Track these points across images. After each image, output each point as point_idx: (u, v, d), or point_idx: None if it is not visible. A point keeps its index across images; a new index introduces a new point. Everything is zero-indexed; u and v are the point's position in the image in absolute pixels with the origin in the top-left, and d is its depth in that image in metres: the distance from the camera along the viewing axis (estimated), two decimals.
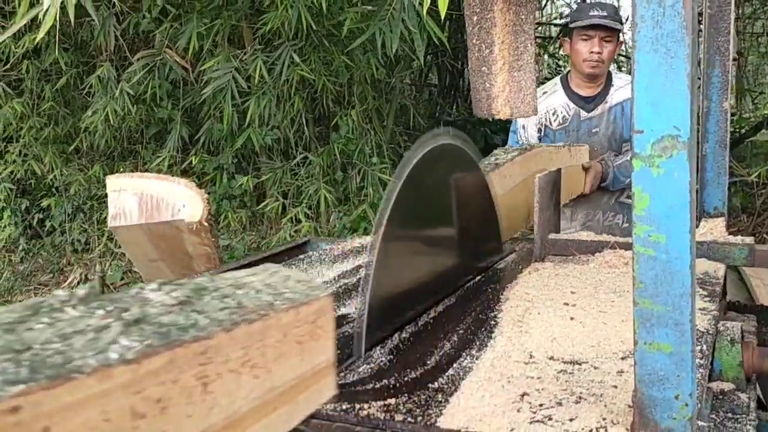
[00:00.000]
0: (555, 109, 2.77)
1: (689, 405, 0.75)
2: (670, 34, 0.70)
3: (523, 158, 2.00)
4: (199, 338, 0.57)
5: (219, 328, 0.58)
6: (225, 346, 0.59)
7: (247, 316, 0.62)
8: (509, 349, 1.07)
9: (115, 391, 0.49)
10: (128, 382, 0.50)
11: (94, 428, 0.47)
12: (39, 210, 5.60)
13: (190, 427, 0.56)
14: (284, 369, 0.67)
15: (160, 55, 4.33)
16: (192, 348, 0.56)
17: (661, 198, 0.73)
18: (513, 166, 1.90)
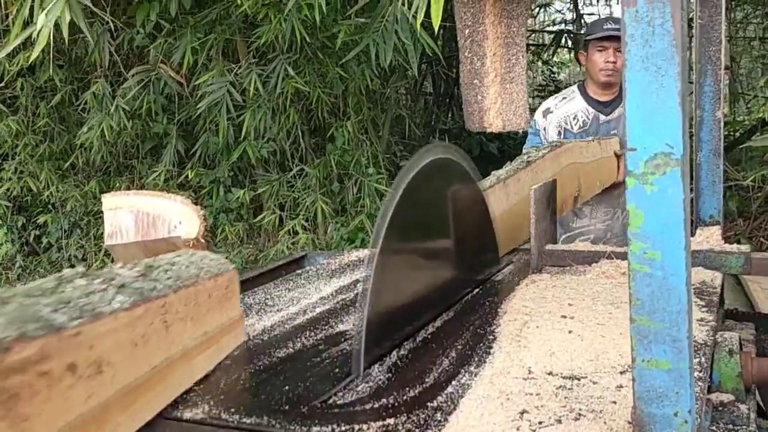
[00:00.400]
0: (575, 113, 2.98)
1: (688, 422, 0.75)
2: (660, 53, 0.70)
3: (554, 154, 2.11)
4: (160, 296, 0.94)
5: (170, 290, 0.97)
6: (175, 302, 0.98)
7: (185, 283, 1.01)
8: (508, 365, 1.07)
9: (121, 328, 0.86)
10: (127, 322, 0.87)
11: (115, 348, 0.84)
12: (35, 227, 5.60)
13: (159, 355, 0.93)
14: (212, 319, 1.09)
15: (154, 70, 4.35)
16: (156, 302, 0.93)
17: (656, 215, 0.73)
18: (544, 162, 2.02)
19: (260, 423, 0.93)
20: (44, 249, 5.67)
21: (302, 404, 0.97)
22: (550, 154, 2.07)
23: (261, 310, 1.48)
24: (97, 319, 0.82)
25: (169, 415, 0.97)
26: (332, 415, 0.94)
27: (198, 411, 0.97)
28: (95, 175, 5.18)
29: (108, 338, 0.83)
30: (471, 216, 1.55)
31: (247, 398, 1.00)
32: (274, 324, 1.34)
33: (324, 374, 1.08)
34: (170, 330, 0.96)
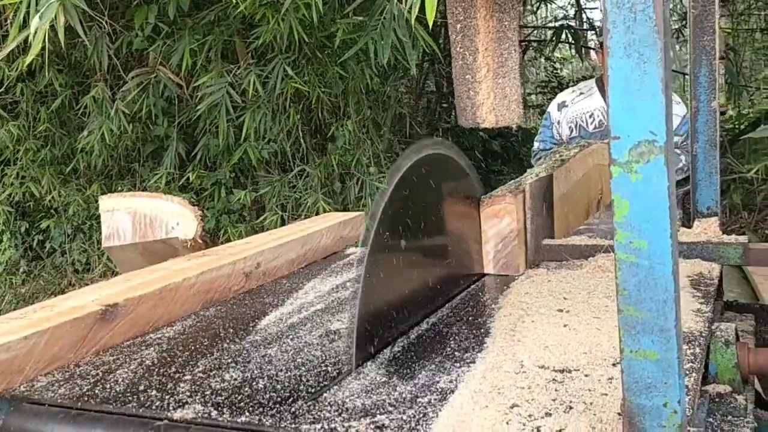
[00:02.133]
0: (592, 111, 2.85)
1: (678, 412, 0.74)
2: (643, 39, 0.69)
3: (583, 154, 2.17)
4: None
5: None
6: None
7: None
8: (501, 359, 1.06)
9: None
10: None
11: None
12: (38, 232, 5.61)
13: None
14: None
15: (154, 73, 4.35)
16: None
17: (641, 204, 0.72)
18: (575, 162, 2.05)
19: (251, 422, 0.92)
20: (48, 254, 5.68)
21: (293, 402, 0.97)
22: (580, 153, 2.12)
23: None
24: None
25: (160, 416, 0.97)
26: (324, 411, 0.93)
27: (188, 411, 0.96)
28: (97, 179, 5.19)
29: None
30: (462, 210, 1.53)
31: (238, 397, 1.00)
32: (268, 323, 1.34)
33: (316, 372, 1.07)
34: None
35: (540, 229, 1.70)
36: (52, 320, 1.08)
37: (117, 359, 1.16)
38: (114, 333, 1.17)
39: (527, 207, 1.60)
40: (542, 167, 1.92)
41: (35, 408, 1.03)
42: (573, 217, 2.01)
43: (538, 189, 1.70)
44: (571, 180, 2.00)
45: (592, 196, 2.23)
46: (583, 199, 2.15)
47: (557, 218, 1.85)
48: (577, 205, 2.09)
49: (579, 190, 2.09)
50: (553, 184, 1.85)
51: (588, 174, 2.19)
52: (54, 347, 1.06)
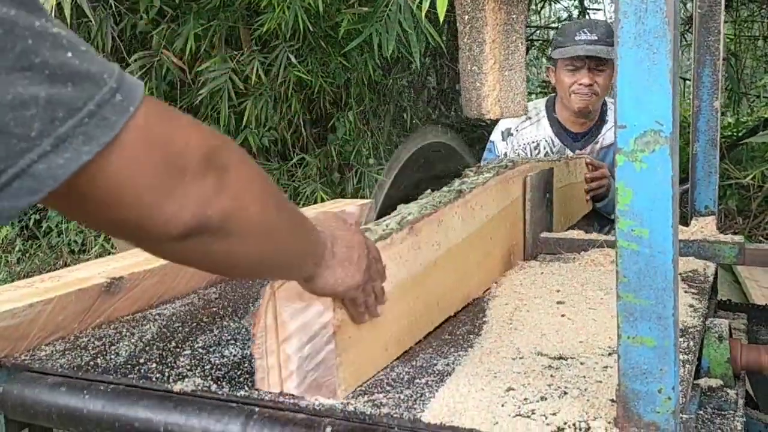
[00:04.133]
0: (538, 142, 2.32)
1: (672, 398, 0.76)
2: (653, 30, 0.71)
3: (503, 179, 1.50)
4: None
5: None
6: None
7: None
8: (498, 345, 1.08)
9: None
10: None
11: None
12: (36, 211, 5.60)
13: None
14: None
15: (157, 56, 4.33)
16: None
17: (644, 192, 0.73)
18: (485, 194, 1.40)
19: (250, 396, 0.93)
20: (44, 233, 5.67)
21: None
22: (494, 180, 1.46)
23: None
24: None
25: (159, 387, 0.98)
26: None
27: (188, 383, 0.97)
28: None
29: None
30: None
31: (238, 372, 1.01)
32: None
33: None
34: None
35: (538, 221, 1.71)
36: (58, 290, 1.09)
37: (119, 332, 1.17)
38: (118, 306, 1.18)
39: (527, 198, 1.62)
40: (418, 204, 1.25)
41: (35, 376, 1.04)
42: (478, 277, 1.35)
43: (538, 181, 1.71)
44: (476, 220, 1.34)
45: (518, 239, 1.59)
46: (501, 249, 1.48)
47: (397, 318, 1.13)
48: (489, 258, 1.43)
49: (494, 233, 1.44)
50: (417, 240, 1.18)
51: (510, 209, 1.53)
52: (58, 316, 1.07)
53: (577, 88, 2.22)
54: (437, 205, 1.21)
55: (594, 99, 2.24)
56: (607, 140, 2.33)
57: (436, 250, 1.17)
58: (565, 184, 1.98)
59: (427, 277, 1.13)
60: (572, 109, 2.28)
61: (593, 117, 2.33)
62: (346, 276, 0.85)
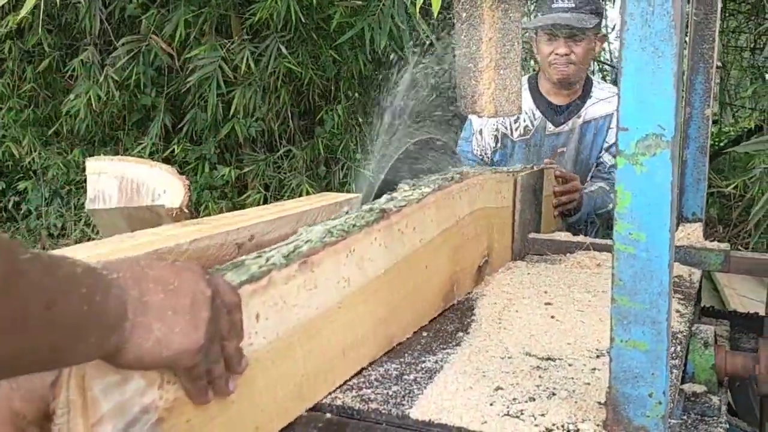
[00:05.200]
0: (518, 115, 2.13)
1: (662, 403, 0.76)
2: (659, 33, 0.70)
3: (446, 195, 1.25)
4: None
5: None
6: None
7: None
8: (487, 344, 1.07)
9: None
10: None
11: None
12: (15, 193, 5.52)
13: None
14: None
15: (145, 41, 4.29)
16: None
17: (644, 196, 0.73)
18: (420, 213, 1.15)
19: None
20: (23, 216, 5.59)
21: None
22: (433, 197, 1.20)
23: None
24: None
25: None
26: None
27: None
28: (79, 144, 5.11)
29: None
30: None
31: None
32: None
33: None
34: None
35: (527, 222, 1.71)
36: None
37: None
38: None
39: (517, 198, 1.62)
40: (324, 228, 0.98)
41: None
42: (410, 316, 1.12)
43: (528, 183, 1.71)
44: (404, 246, 1.09)
45: (464, 265, 1.34)
46: (442, 279, 1.24)
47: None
48: (424, 292, 1.17)
49: (432, 260, 1.19)
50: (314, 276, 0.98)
51: (454, 231, 1.27)
52: None
53: (554, 58, 2.18)
54: (349, 230, 0.97)
55: (572, 69, 2.19)
56: (589, 115, 2.28)
57: (343, 288, 0.93)
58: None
59: (327, 323, 0.89)
60: (552, 80, 2.25)
61: (576, 89, 2.28)
62: (171, 334, 0.61)
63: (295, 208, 1.37)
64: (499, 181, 1.54)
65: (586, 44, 2.19)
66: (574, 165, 2.29)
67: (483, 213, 1.42)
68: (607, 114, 2.28)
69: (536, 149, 2.29)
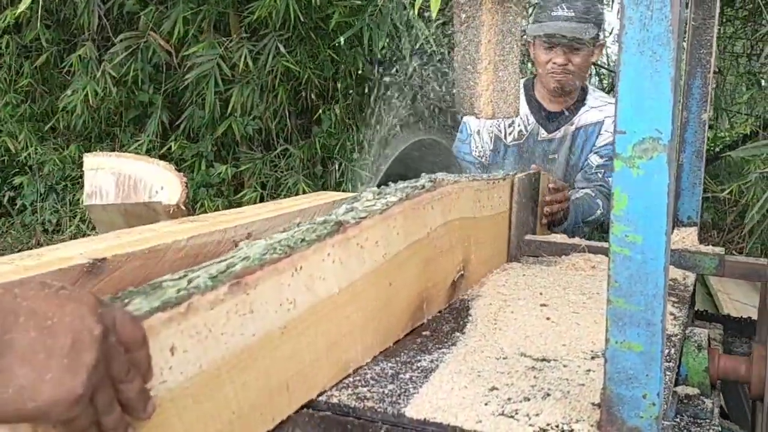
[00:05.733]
0: (512, 119, 2.24)
1: (656, 404, 0.76)
2: (657, 38, 0.71)
3: (415, 205, 1.13)
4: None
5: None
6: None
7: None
8: (482, 344, 1.08)
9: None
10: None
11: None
12: (11, 188, 5.51)
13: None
14: None
15: (143, 38, 4.28)
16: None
17: (640, 199, 0.74)
18: (383, 225, 1.04)
19: None
20: (18, 211, 5.58)
21: None
22: (400, 207, 1.09)
23: None
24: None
25: None
26: None
27: None
28: (75, 140, 5.10)
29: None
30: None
31: None
32: None
33: None
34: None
35: (523, 223, 1.72)
36: (39, 269, 1.06)
37: None
38: (100, 288, 1.15)
39: (514, 200, 1.62)
40: (267, 243, 0.89)
41: None
42: (373, 338, 1.02)
43: (525, 185, 1.72)
44: (356, 267, 0.97)
45: (437, 280, 1.23)
46: (410, 295, 1.12)
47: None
48: (391, 307, 1.07)
49: (396, 276, 1.07)
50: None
51: (425, 242, 1.16)
52: None
53: (551, 67, 2.19)
54: (295, 245, 0.87)
55: (569, 78, 2.19)
56: (582, 121, 2.29)
57: (288, 311, 0.83)
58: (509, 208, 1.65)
59: (266, 351, 0.79)
60: (548, 88, 2.26)
61: (572, 96, 2.29)
62: (40, 382, 0.51)
63: (292, 206, 1.37)
64: (478, 189, 1.42)
65: (585, 54, 2.20)
66: (565, 172, 2.31)
67: (459, 224, 1.31)
68: (597, 121, 2.29)
69: (528, 155, 2.30)
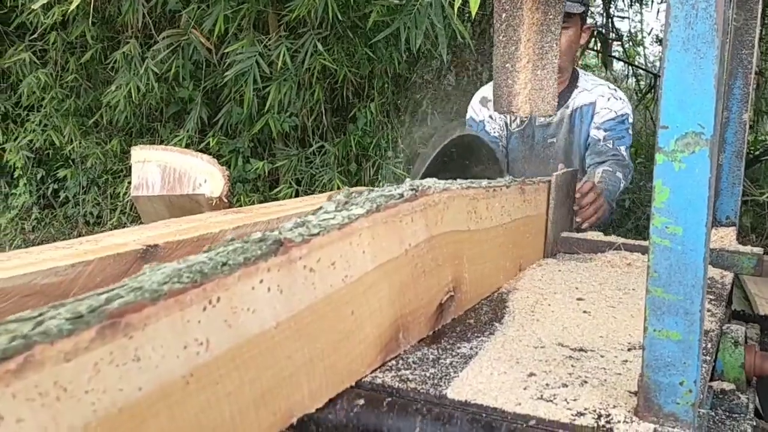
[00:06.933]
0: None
1: (693, 391, 0.79)
2: (701, 36, 0.73)
3: (390, 217, 0.97)
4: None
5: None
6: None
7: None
8: (520, 334, 1.11)
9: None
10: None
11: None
12: (54, 180, 5.67)
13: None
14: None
15: (185, 35, 4.38)
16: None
17: (681, 192, 0.76)
18: (342, 243, 0.87)
19: None
20: (61, 203, 5.74)
21: None
22: (367, 221, 0.92)
23: None
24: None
25: None
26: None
27: None
28: (117, 134, 5.23)
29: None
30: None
31: None
32: None
33: None
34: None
35: (560, 220, 1.74)
36: (97, 253, 1.13)
37: None
38: None
39: (551, 197, 1.65)
40: (173, 269, 0.70)
41: None
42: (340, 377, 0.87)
43: (562, 181, 1.74)
44: (303, 296, 0.79)
45: (419, 305, 1.05)
46: (365, 331, 0.92)
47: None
48: (354, 333, 0.89)
49: (345, 312, 0.87)
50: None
51: (401, 262, 0.99)
52: (97, 278, 1.11)
53: None
54: (212, 271, 0.68)
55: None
56: (576, 103, 2.37)
57: (196, 355, 0.65)
58: (518, 217, 1.46)
59: (162, 408, 0.62)
60: None
61: (562, 79, 2.29)
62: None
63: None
64: (474, 198, 1.22)
65: (571, 33, 2.27)
66: (566, 154, 2.37)
67: (448, 238, 1.12)
68: (590, 102, 2.37)
69: (529, 140, 2.38)
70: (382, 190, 1.04)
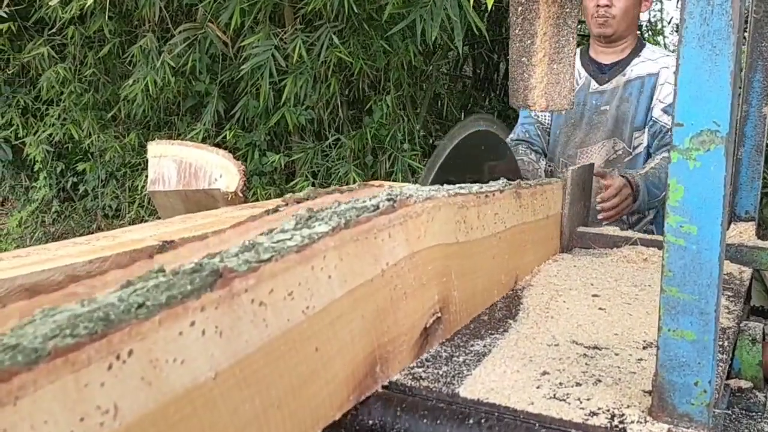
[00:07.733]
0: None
1: (708, 392, 0.78)
2: (717, 32, 0.72)
3: (354, 237, 0.84)
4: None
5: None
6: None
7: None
8: (534, 331, 1.10)
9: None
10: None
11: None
12: (74, 174, 5.73)
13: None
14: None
15: (202, 29, 4.39)
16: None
17: (696, 190, 0.75)
18: (300, 269, 0.74)
19: None
20: (80, 197, 5.81)
21: None
22: (333, 240, 0.80)
23: None
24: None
25: None
26: None
27: None
28: (135, 128, 5.27)
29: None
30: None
31: None
32: None
33: None
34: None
35: (575, 215, 1.73)
36: (114, 249, 1.14)
37: None
38: None
39: (567, 192, 1.63)
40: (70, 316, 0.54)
41: None
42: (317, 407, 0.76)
43: (578, 176, 1.72)
44: (255, 331, 0.67)
45: (400, 330, 0.94)
46: (331, 370, 0.78)
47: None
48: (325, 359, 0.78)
49: (308, 348, 0.75)
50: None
51: (377, 285, 0.87)
52: None
53: (595, 10, 2.20)
54: (122, 317, 0.54)
55: (611, 23, 2.19)
56: (635, 72, 2.27)
57: (100, 426, 0.51)
58: (514, 225, 1.33)
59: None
60: (593, 34, 2.27)
61: (622, 47, 2.27)
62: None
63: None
64: (463, 206, 1.11)
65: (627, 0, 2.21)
66: (616, 123, 2.27)
67: (434, 253, 1.01)
68: (650, 73, 2.25)
69: (580, 107, 2.30)
70: (354, 201, 0.91)
